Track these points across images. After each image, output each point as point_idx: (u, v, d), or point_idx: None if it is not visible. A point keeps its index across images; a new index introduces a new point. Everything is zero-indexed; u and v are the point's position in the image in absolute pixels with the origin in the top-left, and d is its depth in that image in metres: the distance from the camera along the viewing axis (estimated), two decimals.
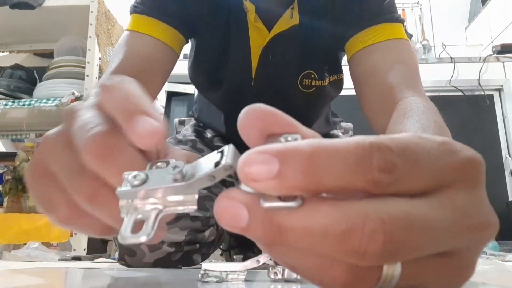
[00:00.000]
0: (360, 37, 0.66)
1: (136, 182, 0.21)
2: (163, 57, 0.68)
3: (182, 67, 0.89)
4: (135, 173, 0.21)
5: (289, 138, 0.18)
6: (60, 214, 0.25)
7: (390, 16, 0.66)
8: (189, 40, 0.77)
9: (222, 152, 0.19)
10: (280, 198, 0.16)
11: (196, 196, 0.20)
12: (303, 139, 0.18)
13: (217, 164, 0.19)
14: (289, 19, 0.71)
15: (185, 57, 0.93)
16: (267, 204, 0.16)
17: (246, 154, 0.16)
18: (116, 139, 0.22)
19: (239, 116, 0.18)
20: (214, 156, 0.20)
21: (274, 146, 0.16)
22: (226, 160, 0.19)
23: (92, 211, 0.24)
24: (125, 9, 1.82)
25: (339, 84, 0.82)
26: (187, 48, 0.84)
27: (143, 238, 0.20)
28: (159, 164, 0.22)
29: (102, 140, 0.22)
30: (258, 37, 0.73)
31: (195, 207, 0.20)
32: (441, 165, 0.17)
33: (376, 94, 0.62)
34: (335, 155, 0.15)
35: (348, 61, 0.70)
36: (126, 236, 0.20)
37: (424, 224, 0.15)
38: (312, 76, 0.76)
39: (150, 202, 0.21)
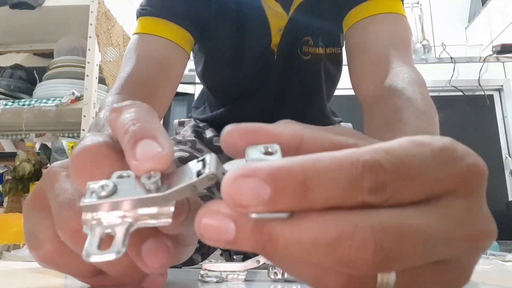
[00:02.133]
0: (358, 10, 0.67)
1: (103, 193, 0.18)
2: (178, 58, 0.67)
3: None
4: (102, 182, 0.19)
5: (269, 149, 0.17)
6: (42, 252, 0.23)
7: None
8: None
9: (203, 160, 0.18)
10: None
11: (172, 209, 0.19)
12: (282, 148, 0.17)
13: (199, 173, 0.18)
14: None
15: None
16: (255, 215, 0.15)
17: (231, 176, 0.15)
18: None
19: (221, 134, 0.18)
20: (194, 165, 0.18)
21: (262, 168, 0.15)
22: (210, 169, 0.17)
23: (76, 249, 0.22)
24: (125, 9, 1.82)
25: (337, 59, 0.82)
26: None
27: (111, 256, 0.17)
28: (125, 174, 0.20)
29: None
30: (277, 20, 0.73)
31: (170, 220, 0.19)
32: (439, 175, 0.16)
33: (366, 61, 0.62)
34: (327, 178, 0.15)
35: (345, 35, 0.70)
36: (92, 252, 0.17)
37: (417, 233, 0.15)
38: (309, 43, 0.76)
39: (119, 215, 0.18)
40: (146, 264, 0.21)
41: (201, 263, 0.74)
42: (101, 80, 1.56)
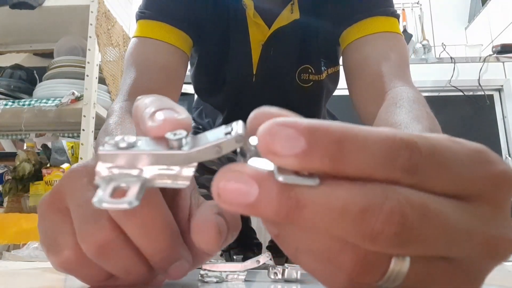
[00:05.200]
0: (354, 29, 0.67)
1: (122, 145, 0.17)
2: (180, 63, 0.67)
3: None
4: (123, 136, 0.18)
5: None
6: (62, 259, 0.23)
7: (385, 9, 0.66)
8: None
9: (231, 126, 0.18)
10: (295, 172, 0.15)
11: (193, 172, 0.18)
12: None
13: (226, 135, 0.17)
14: (290, 14, 0.71)
15: None
16: (282, 178, 0.15)
17: (269, 123, 0.15)
18: None
19: (249, 116, 0.17)
20: (222, 129, 0.18)
21: (302, 122, 0.15)
22: (238, 131, 0.17)
23: (98, 261, 0.22)
24: (125, 9, 1.82)
25: (335, 76, 0.82)
26: None
27: (123, 206, 0.16)
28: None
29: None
30: (258, 33, 0.73)
31: (188, 183, 0.18)
32: (471, 175, 0.16)
33: (366, 82, 0.62)
34: (363, 145, 0.15)
35: (342, 53, 0.70)
36: (103, 199, 0.17)
37: (439, 217, 0.15)
38: (309, 70, 0.76)
39: (136, 171, 0.17)
40: (170, 276, 0.24)
41: None
42: (101, 80, 1.56)
